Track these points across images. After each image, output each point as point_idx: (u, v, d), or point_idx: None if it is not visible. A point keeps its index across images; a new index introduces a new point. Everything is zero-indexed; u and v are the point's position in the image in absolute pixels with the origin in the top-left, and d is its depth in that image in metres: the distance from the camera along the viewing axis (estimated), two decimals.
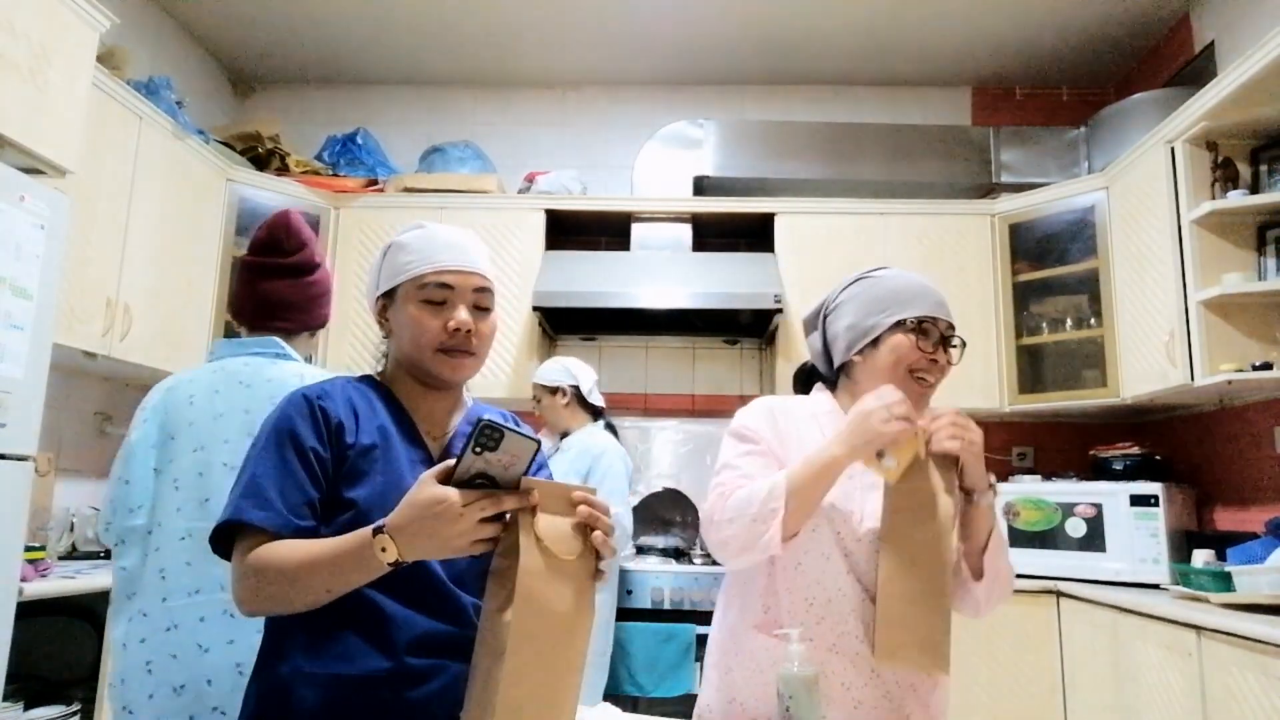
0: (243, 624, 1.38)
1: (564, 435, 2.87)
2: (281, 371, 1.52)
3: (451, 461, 0.90)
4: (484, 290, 1.16)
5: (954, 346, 1.34)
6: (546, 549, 0.92)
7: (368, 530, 0.93)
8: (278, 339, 1.58)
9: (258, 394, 1.48)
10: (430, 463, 1.12)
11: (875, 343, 1.34)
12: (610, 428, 2.89)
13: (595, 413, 2.90)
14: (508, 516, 0.92)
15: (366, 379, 1.19)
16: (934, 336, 1.33)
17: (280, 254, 1.62)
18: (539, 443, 0.89)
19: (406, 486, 0.94)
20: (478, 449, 0.87)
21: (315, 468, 1.05)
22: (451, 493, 0.89)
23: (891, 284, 1.36)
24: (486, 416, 0.88)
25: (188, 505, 1.44)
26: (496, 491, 0.90)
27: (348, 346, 3.50)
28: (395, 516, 0.91)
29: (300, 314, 1.62)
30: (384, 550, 0.90)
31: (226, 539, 1.04)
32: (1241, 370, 2.49)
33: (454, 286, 1.13)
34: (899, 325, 1.32)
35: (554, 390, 2.85)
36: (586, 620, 0.95)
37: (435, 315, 1.12)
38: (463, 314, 1.12)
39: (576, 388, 2.86)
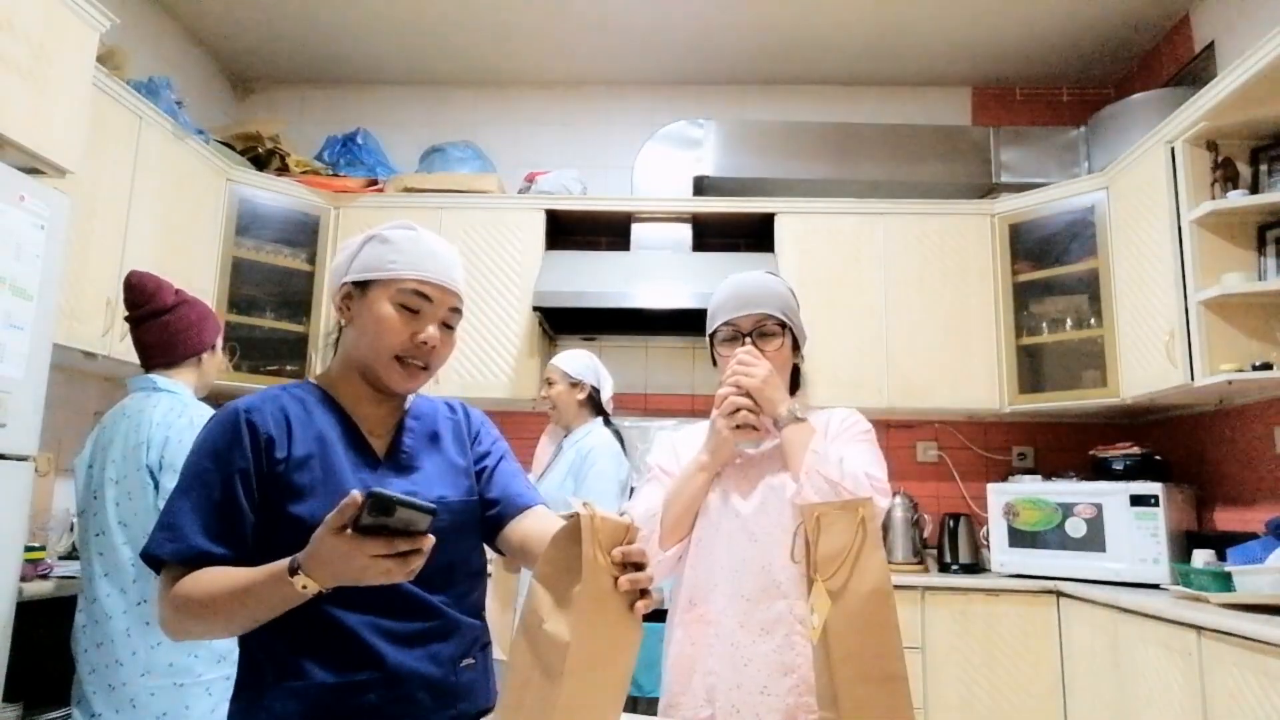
0: (131, 596, 1.78)
1: (565, 434, 2.84)
2: (147, 404, 1.89)
3: (350, 506, 0.85)
4: (455, 310, 1.17)
5: (769, 335, 1.43)
6: (605, 570, 0.91)
7: (283, 566, 0.90)
8: (153, 376, 1.94)
9: (133, 422, 1.87)
10: (374, 464, 1.12)
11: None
12: (610, 424, 2.85)
13: (601, 416, 2.88)
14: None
15: (304, 384, 1.16)
16: (738, 340, 1.43)
17: (133, 308, 1.97)
18: (435, 512, 0.86)
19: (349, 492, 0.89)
20: (371, 515, 0.84)
21: (238, 491, 1.02)
22: (349, 546, 0.86)
23: (712, 301, 1.49)
24: (376, 489, 0.84)
25: (102, 512, 1.85)
26: (393, 539, 0.86)
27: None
28: (306, 558, 0.89)
29: (170, 349, 1.96)
30: (305, 588, 0.89)
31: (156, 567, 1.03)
32: (1241, 370, 2.49)
33: (432, 299, 1.13)
34: (713, 341, 1.50)
35: (576, 383, 2.80)
36: (635, 635, 0.95)
37: (406, 323, 1.11)
38: (432, 329, 1.12)
39: (597, 391, 2.84)
